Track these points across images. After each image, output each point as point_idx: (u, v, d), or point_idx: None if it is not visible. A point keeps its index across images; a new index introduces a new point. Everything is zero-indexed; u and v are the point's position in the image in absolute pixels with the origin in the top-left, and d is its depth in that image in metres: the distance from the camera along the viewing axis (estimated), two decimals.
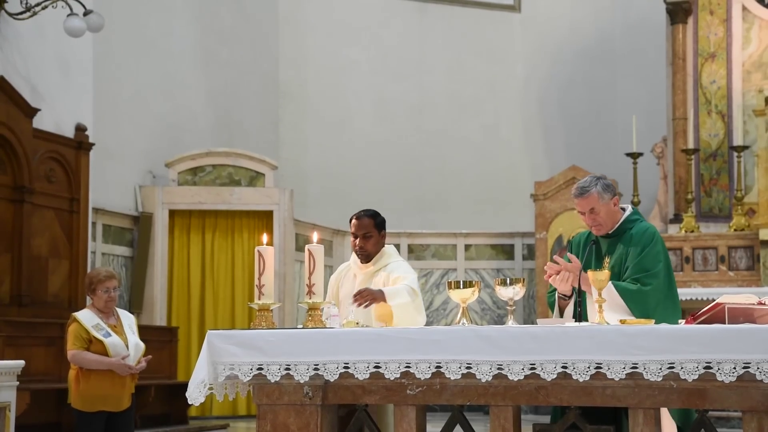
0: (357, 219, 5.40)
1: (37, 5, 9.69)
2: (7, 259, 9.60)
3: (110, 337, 6.16)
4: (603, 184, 4.84)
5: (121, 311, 6.43)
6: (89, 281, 6.31)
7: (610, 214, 4.84)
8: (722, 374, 3.79)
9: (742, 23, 13.38)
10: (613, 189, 4.87)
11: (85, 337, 6.13)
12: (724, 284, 12.16)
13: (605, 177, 4.92)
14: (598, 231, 4.89)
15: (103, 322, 6.22)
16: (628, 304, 4.58)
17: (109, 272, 6.32)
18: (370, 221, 5.38)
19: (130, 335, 6.29)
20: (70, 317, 6.33)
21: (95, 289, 6.24)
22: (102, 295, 6.22)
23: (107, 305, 6.26)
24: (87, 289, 6.34)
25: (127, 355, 6.15)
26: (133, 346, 6.23)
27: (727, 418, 9.76)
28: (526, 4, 15.93)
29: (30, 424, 8.46)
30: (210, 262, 12.68)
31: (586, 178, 4.92)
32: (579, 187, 4.86)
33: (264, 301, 4.43)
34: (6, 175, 9.67)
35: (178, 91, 13.21)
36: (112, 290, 6.25)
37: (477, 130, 15.49)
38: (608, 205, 4.83)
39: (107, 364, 6.11)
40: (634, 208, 5.01)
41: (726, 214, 13.14)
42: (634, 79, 15.33)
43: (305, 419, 4.26)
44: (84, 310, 6.35)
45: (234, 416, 12.23)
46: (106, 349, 6.11)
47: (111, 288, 6.24)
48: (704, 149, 13.40)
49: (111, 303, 6.28)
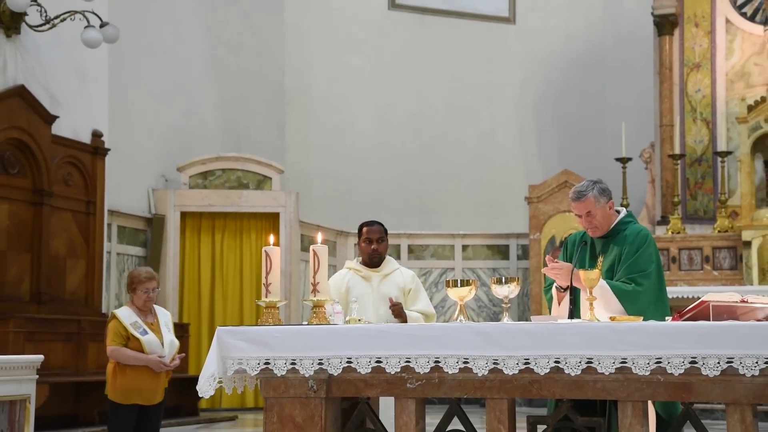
0: (370, 226, 5.69)
1: (55, 18, 9.70)
2: (27, 258, 9.61)
3: (147, 335, 6.15)
4: (599, 189, 4.82)
5: (159, 309, 6.40)
6: (130, 281, 6.28)
7: (605, 217, 4.83)
8: (707, 368, 3.79)
9: (726, 35, 13.39)
10: (608, 193, 4.86)
11: (124, 334, 6.13)
12: (708, 283, 12.16)
13: (601, 181, 4.90)
14: (594, 233, 4.88)
15: (141, 320, 6.19)
16: (623, 303, 4.57)
17: (149, 273, 6.30)
18: (381, 227, 5.71)
19: (166, 333, 6.27)
20: (110, 314, 6.34)
21: (135, 289, 6.21)
22: (141, 294, 6.20)
23: (146, 304, 6.24)
24: (128, 288, 6.32)
25: (163, 355, 6.16)
26: (168, 344, 6.23)
27: (711, 411, 9.75)
28: (520, 16, 15.93)
29: (48, 415, 8.47)
30: (219, 262, 12.68)
31: (583, 182, 4.90)
32: (576, 191, 4.84)
33: (271, 299, 4.43)
34: (26, 179, 9.68)
35: (188, 98, 13.21)
36: (151, 291, 6.22)
37: (474, 136, 15.49)
38: (604, 209, 4.82)
39: (143, 360, 6.11)
40: (629, 211, 5.00)
41: (710, 216, 13.14)
42: (623, 88, 15.33)
43: (310, 411, 4.26)
44: (123, 307, 6.32)
45: (242, 408, 12.23)
46: (142, 346, 6.12)
47: (150, 288, 6.21)
48: (690, 155, 13.40)
49: (149, 302, 6.25)
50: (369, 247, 5.66)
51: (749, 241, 12.15)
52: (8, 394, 5.77)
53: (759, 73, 13.17)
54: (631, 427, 3.92)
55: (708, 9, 13.48)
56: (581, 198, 4.80)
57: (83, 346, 9.64)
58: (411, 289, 5.74)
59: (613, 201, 4.89)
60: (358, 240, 5.75)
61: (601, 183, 4.87)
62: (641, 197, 13.79)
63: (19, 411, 5.82)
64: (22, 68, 9.69)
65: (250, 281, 12.64)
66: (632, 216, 4.98)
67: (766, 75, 13.04)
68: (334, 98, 14.98)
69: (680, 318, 4.20)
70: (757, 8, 13.36)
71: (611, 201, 4.86)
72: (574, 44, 15.77)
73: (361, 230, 5.72)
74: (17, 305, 9.32)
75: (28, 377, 5.99)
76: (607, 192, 4.85)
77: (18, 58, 9.66)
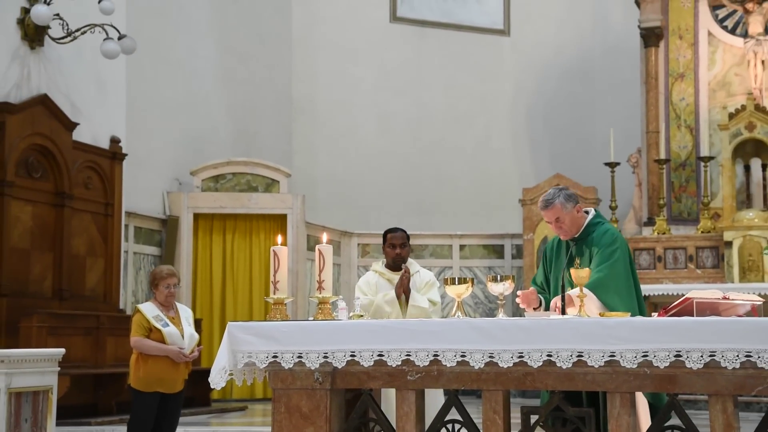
0: (394, 233, 5.88)
1: (76, 30, 9.71)
2: (49, 257, 9.62)
3: (168, 327, 6.17)
4: (565, 195, 4.85)
5: (180, 305, 6.42)
6: (153, 277, 6.31)
7: (573, 221, 4.85)
8: (691, 362, 3.79)
9: (708, 47, 13.38)
10: (574, 198, 4.88)
11: (146, 326, 6.15)
12: (692, 281, 12.16)
13: (567, 188, 4.95)
14: (565, 236, 4.91)
15: (163, 314, 6.22)
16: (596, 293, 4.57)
17: (170, 270, 6.32)
18: (404, 234, 5.92)
19: (186, 327, 6.29)
20: (134, 309, 6.37)
21: (158, 285, 6.25)
22: (163, 290, 6.23)
23: (167, 299, 6.26)
24: (150, 284, 6.35)
25: (183, 346, 6.17)
26: (188, 337, 6.24)
27: (695, 401, 9.75)
28: (514, 29, 15.92)
29: (69, 405, 8.48)
30: (230, 261, 12.67)
31: (550, 191, 4.93)
32: (543, 200, 4.88)
33: (278, 296, 4.43)
34: (49, 183, 9.68)
35: (201, 106, 13.21)
36: (172, 286, 6.25)
37: (470, 142, 15.48)
38: (571, 213, 4.84)
39: (164, 350, 6.13)
40: (596, 211, 5.01)
41: (694, 218, 13.14)
42: (611, 97, 15.32)
43: (316, 402, 4.26)
44: (147, 302, 6.35)
45: (252, 399, 12.22)
46: (163, 337, 6.13)
47: (171, 284, 6.24)
48: (674, 159, 13.39)
49: (171, 298, 6.27)
50: (393, 251, 5.85)
51: (730, 241, 12.15)
52: (32, 385, 5.79)
53: (739, 83, 13.17)
54: (619, 416, 3.92)
55: (691, 22, 13.47)
56: (549, 206, 4.83)
57: (102, 340, 9.65)
58: (427, 282, 5.94)
59: (579, 205, 4.91)
60: (383, 245, 5.94)
61: (567, 190, 4.92)
62: (629, 200, 13.78)
63: (42, 401, 5.83)
64: (45, 78, 9.69)
65: (259, 279, 12.63)
66: (600, 216, 4.99)
67: (746, 84, 13.03)
68: (338, 106, 14.97)
69: (666, 314, 4.19)
70: (738, 22, 13.35)
71: (578, 205, 4.89)
72: (565, 55, 15.76)
73: (386, 236, 5.91)
74: (40, 301, 9.33)
75: (51, 369, 6.00)
76: (573, 197, 4.88)
77: (41, 68, 9.67)
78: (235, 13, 13.92)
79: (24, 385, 5.71)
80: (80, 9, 9.84)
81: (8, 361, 5.63)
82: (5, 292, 8.97)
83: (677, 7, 13.49)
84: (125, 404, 9.43)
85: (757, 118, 12.38)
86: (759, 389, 3.76)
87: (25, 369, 5.74)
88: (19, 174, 9.27)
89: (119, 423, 8.67)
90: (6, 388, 5.58)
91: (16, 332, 8.83)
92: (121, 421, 8.75)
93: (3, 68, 9.22)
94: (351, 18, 15.18)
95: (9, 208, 9.09)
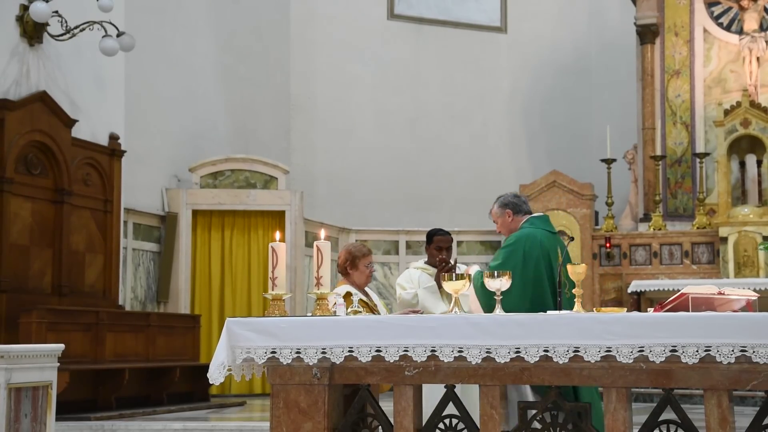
0: (443, 236, 5.95)
1: (75, 28, 9.69)
2: (49, 253, 9.61)
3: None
4: (500, 203, 5.32)
5: (369, 291, 5.64)
6: (349, 256, 5.46)
7: (504, 225, 5.31)
8: (686, 357, 3.78)
9: (704, 44, 13.39)
10: (511, 205, 5.28)
11: None
12: (688, 276, 12.18)
13: (510, 195, 5.37)
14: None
15: None
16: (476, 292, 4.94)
17: (368, 248, 5.61)
18: (451, 238, 5.99)
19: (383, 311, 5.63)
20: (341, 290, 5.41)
21: (357, 264, 5.45)
22: (364, 269, 5.47)
23: (367, 280, 5.53)
24: (345, 264, 5.48)
25: None
26: None
27: (690, 396, 9.75)
28: (511, 26, 15.92)
29: (69, 400, 8.47)
30: (229, 257, 12.67)
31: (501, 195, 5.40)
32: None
33: (277, 292, 4.42)
34: (48, 179, 9.67)
35: (200, 103, 13.20)
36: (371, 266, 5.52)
37: (467, 138, 15.48)
38: (503, 218, 5.30)
39: None
40: (533, 219, 5.30)
41: (690, 213, 13.15)
42: (607, 94, 15.33)
43: (314, 397, 4.26)
44: (343, 286, 5.48)
45: (250, 394, 12.23)
46: None
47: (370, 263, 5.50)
48: (670, 156, 13.40)
49: (369, 279, 5.55)
50: (439, 253, 5.89)
51: (726, 237, 12.16)
52: (32, 380, 5.78)
53: (735, 80, 13.18)
54: (615, 411, 3.92)
55: (687, 19, 13.48)
56: (490, 212, 5.37)
57: (101, 335, 9.63)
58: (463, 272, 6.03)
59: (510, 211, 5.28)
60: (428, 245, 5.97)
61: (506, 197, 5.35)
62: (625, 196, 13.79)
63: (41, 396, 5.82)
64: (44, 75, 9.68)
65: (258, 275, 12.63)
66: (531, 221, 5.27)
67: (741, 81, 13.04)
68: (336, 103, 14.97)
69: (661, 309, 4.20)
70: (733, 19, 13.36)
71: (508, 211, 5.28)
72: (562, 53, 15.75)
73: (433, 238, 5.97)
74: (40, 297, 9.32)
75: (50, 365, 5.99)
76: (510, 204, 5.30)
77: (40, 65, 9.65)
78: (233, 11, 13.90)
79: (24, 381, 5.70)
80: (79, 6, 9.83)
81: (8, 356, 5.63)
82: (5, 288, 8.97)
83: (673, 4, 13.49)
84: (124, 399, 9.44)
85: (753, 114, 12.40)
86: (754, 384, 3.76)
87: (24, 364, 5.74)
88: (18, 171, 9.26)
89: (118, 418, 8.67)
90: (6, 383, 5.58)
91: (15, 328, 8.82)
92: (121, 416, 8.75)
93: (2, 65, 9.21)
94: (349, 15, 15.17)
95: (8, 204, 9.08)
